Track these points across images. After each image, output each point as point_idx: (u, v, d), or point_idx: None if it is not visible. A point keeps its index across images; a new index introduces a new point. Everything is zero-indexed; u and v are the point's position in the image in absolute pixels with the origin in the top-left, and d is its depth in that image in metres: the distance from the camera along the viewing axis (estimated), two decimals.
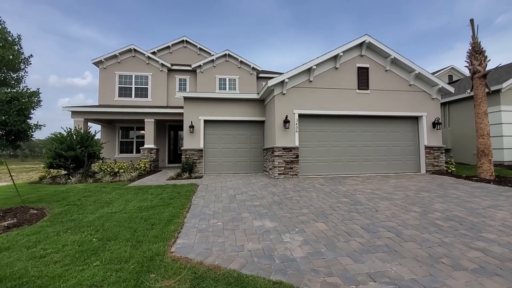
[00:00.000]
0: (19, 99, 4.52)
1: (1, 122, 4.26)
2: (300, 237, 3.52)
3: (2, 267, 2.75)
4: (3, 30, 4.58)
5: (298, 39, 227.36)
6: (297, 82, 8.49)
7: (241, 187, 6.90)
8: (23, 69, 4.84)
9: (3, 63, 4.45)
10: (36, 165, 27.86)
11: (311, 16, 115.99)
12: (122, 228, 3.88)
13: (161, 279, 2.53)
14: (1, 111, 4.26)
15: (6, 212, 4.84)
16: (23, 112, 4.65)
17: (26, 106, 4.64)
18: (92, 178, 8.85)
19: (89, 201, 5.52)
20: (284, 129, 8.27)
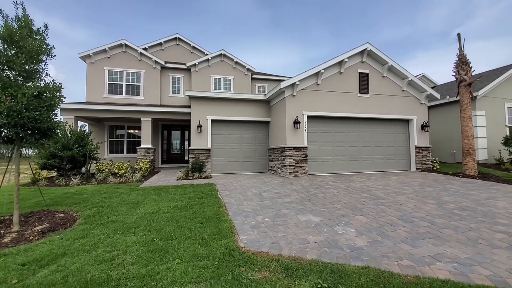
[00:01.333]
0: (46, 93, 4.22)
1: (31, 118, 3.95)
2: (351, 228, 3.83)
3: (76, 272, 2.65)
4: (27, 19, 4.25)
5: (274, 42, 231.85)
6: (306, 85, 8.86)
7: (259, 186, 7.06)
8: (45, 60, 4.51)
9: (29, 54, 4.13)
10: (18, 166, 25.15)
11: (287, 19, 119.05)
12: (174, 228, 3.86)
13: (253, 272, 2.65)
14: (33, 107, 3.96)
15: (28, 216, 4.49)
16: (52, 108, 4.35)
17: (54, 101, 4.34)
18: (93, 179, 8.36)
19: (114, 203, 5.29)
20: (294, 129, 8.59)
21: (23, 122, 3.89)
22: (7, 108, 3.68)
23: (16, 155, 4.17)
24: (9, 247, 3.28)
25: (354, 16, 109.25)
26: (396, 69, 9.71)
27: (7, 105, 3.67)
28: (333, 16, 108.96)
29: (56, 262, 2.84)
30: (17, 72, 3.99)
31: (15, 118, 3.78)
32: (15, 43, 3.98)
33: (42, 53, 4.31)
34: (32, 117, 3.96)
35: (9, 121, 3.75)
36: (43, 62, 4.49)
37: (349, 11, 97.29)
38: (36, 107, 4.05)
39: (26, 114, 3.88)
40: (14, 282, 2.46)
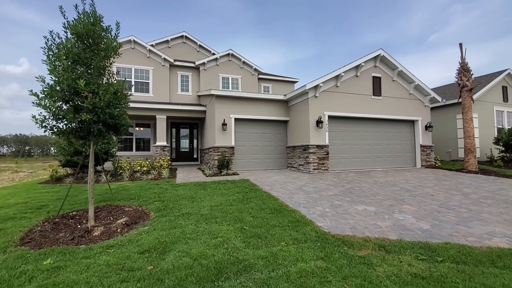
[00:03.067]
0: (120, 91, 4.35)
1: (112, 115, 4.08)
2: (407, 215, 4.35)
3: (201, 256, 2.92)
4: (96, 15, 4.34)
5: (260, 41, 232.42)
6: (327, 87, 9.39)
7: (292, 181, 7.47)
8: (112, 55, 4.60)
9: (105, 52, 4.24)
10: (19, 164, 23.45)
11: (273, 20, 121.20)
12: (251, 218, 4.18)
13: (356, 250, 3.06)
14: (112, 104, 4.08)
15: (96, 211, 4.58)
16: (127, 105, 4.48)
17: (126, 99, 4.47)
18: (120, 177, 8.34)
19: (170, 197, 5.47)
20: (317, 128, 9.09)
21: (105, 118, 4.01)
22: (92, 104, 3.81)
23: (92, 151, 4.27)
24: (107, 240, 3.44)
25: (338, 19, 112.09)
26: (405, 73, 10.51)
27: (91, 101, 3.80)
28: (318, 18, 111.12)
29: (172, 249, 3.07)
30: (94, 69, 4.09)
31: (100, 114, 3.91)
32: (91, 40, 4.08)
33: (112, 51, 4.42)
34: (112, 114, 4.10)
35: (93, 116, 3.87)
36: (110, 60, 4.60)
37: (333, 14, 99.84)
38: (115, 104, 4.19)
39: (108, 111, 4.01)
40: (150, 268, 2.68)
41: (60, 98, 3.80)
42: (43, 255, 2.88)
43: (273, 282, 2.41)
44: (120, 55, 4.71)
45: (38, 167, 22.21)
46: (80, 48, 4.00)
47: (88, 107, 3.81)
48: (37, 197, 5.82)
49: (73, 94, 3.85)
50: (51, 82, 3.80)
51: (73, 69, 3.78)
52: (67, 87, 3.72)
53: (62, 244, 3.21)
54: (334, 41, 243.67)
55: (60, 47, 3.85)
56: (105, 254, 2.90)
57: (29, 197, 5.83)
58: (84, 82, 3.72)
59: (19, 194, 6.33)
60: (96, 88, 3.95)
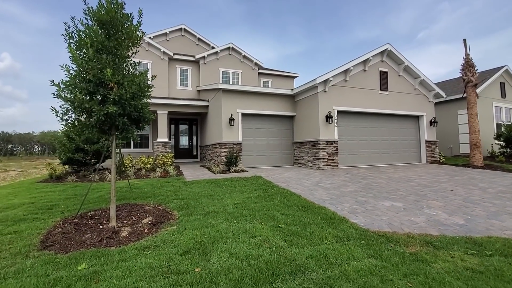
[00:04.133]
0: (143, 82, 4.07)
1: (137, 107, 3.80)
2: (437, 211, 4.31)
3: (247, 257, 2.76)
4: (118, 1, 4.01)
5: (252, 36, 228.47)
6: (336, 81, 9.29)
7: (305, 178, 7.36)
8: (136, 44, 4.30)
9: (130, 41, 3.94)
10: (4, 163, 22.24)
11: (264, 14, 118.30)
12: (283, 216, 4.03)
13: (404, 247, 2.96)
14: (136, 96, 3.80)
15: (116, 210, 4.30)
16: (149, 97, 4.20)
17: (149, 91, 4.20)
18: (124, 174, 8.01)
19: (188, 195, 5.24)
20: (327, 124, 9.00)
21: (130, 111, 3.75)
22: (118, 95, 3.53)
23: (114, 146, 3.99)
24: (138, 240, 3.21)
25: (328, 15, 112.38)
26: (411, 69, 10.54)
27: (118, 92, 3.52)
28: (308, 14, 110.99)
29: (213, 249, 2.89)
30: (119, 58, 3.80)
31: (126, 106, 3.64)
32: (114, 28, 3.78)
33: (136, 40, 4.13)
34: (137, 107, 3.83)
35: (118, 109, 3.60)
36: (133, 49, 4.30)
37: (323, 10, 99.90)
38: (139, 96, 3.93)
39: (133, 103, 3.75)
40: (198, 270, 2.49)
41: (84, 89, 3.50)
42: (74, 260, 2.64)
43: (333, 282, 2.28)
44: (141, 45, 4.40)
45: (27, 166, 21.29)
46: (103, 37, 3.69)
47: (115, 99, 3.54)
48: (43, 196, 5.47)
49: (98, 85, 3.57)
50: (72, 72, 3.50)
51: (99, 58, 3.49)
52: (92, 77, 3.43)
53: (90, 247, 2.96)
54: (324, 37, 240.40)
55: (83, 35, 3.54)
56: (143, 256, 2.68)
57: (34, 196, 5.47)
58: (111, 71, 3.44)
59: (21, 193, 5.93)
60: (121, 79, 3.67)
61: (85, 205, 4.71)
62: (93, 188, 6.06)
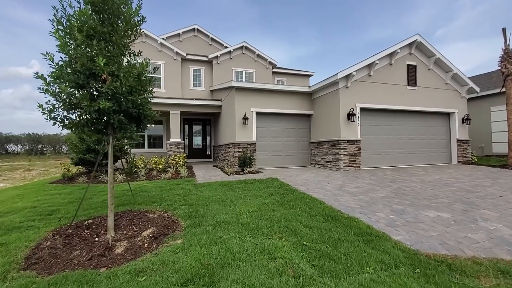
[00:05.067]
0: (144, 75, 3.59)
1: (135, 103, 3.32)
2: (496, 224, 3.50)
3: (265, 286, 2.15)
4: None
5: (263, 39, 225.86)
6: (359, 76, 8.49)
7: (326, 180, 6.65)
8: (134, 32, 3.82)
9: (128, 26, 3.47)
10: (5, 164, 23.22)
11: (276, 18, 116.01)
12: (307, 229, 3.39)
13: (473, 279, 2.24)
14: (135, 90, 3.33)
15: (116, 218, 3.85)
16: (151, 92, 3.73)
17: (151, 85, 3.72)
18: (135, 175, 7.66)
19: (198, 200, 4.71)
20: (348, 122, 8.22)
21: (127, 107, 3.26)
22: (112, 89, 3.05)
23: (110, 147, 3.53)
24: (134, 259, 2.69)
25: (341, 16, 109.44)
26: (442, 62, 9.52)
27: (111, 85, 3.04)
28: (320, 17, 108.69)
29: (222, 276, 2.30)
30: (114, 46, 3.33)
31: (122, 102, 3.16)
32: (109, 12, 3.31)
33: (134, 27, 3.65)
34: (135, 102, 3.34)
35: (113, 105, 3.11)
36: (131, 38, 3.81)
37: (336, 11, 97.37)
38: (138, 90, 3.44)
39: (131, 98, 3.26)
40: None
41: (72, 82, 3.05)
42: (54, 286, 2.15)
43: None
44: (142, 32, 3.93)
45: (51, 165, 21.85)
46: (96, 21, 3.23)
47: (108, 93, 3.07)
48: (47, 199, 5.15)
49: (88, 77, 3.10)
50: (61, 62, 3.06)
51: (89, 45, 3.03)
52: (81, 67, 2.96)
53: (77, 267, 2.48)
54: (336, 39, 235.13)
55: (73, 19, 3.09)
56: (135, 285, 2.15)
57: (39, 199, 5.16)
58: (104, 60, 2.96)
59: (28, 195, 5.68)
60: (116, 69, 3.19)
61: (86, 211, 4.30)
62: (100, 191, 5.70)
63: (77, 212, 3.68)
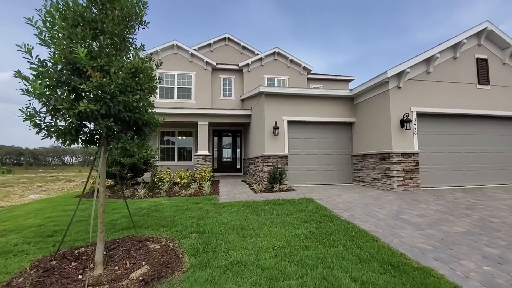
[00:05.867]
0: (143, 72, 2.98)
1: (128, 105, 2.68)
2: None
3: None
4: None
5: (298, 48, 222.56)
6: (414, 74, 7.04)
7: (374, 203, 5.29)
8: (135, 30, 3.28)
9: (124, 13, 2.92)
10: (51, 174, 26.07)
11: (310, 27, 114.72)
12: (353, 283, 2.27)
13: None
14: (130, 89, 2.70)
15: (111, 247, 3.20)
16: (153, 92, 3.10)
17: (153, 84, 3.10)
18: (158, 190, 7.23)
19: (213, 226, 3.88)
20: (402, 130, 6.75)
21: (117, 110, 2.63)
22: (96, 86, 2.43)
23: (103, 161, 2.93)
24: None
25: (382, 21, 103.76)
26: None
27: (96, 82, 2.42)
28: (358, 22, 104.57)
29: None
30: (107, 36, 2.76)
31: (109, 102, 2.53)
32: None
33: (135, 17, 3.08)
34: (129, 104, 2.70)
35: (100, 107, 2.49)
36: (131, 33, 3.23)
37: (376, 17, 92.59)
38: (134, 89, 2.80)
39: (122, 98, 2.61)
40: None
41: (53, 80, 2.52)
42: None
43: None
44: (147, 24, 3.35)
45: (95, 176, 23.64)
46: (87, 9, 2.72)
47: (92, 92, 2.48)
48: (58, 217, 4.85)
49: (72, 73, 2.56)
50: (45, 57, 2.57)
51: (71, 33, 2.49)
52: (60, 59, 2.43)
53: None
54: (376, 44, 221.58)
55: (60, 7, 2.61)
56: None
57: (50, 216, 4.89)
58: (85, 51, 2.38)
59: (45, 211, 5.51)
60: (105, 63, 2.60)
61: (87, 234, 3.77)
62: (114, 209, 5.27)
63: (63, 239, 3.11)
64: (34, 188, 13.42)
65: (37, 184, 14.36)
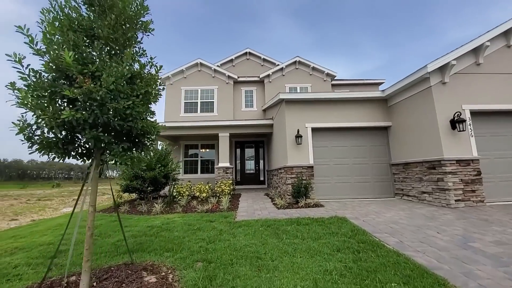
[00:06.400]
0: (141, 78, 2.60)
1: (120, 112, 2.27)
2: None
3: None
4: None
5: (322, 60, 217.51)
6: (461, 67, 5.94)
7: (432, 225, 4.24)
8: (137, 38, 2.96)
9: (123, 17, 2.60)
10: None
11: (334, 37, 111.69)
12: None
13: None
14: (123, 95, 2.30)
15: (103, 278, 2.74)
16: (151, 99, 2.68)
17: (154, 91, 2.68)
18: (176, 204, 6.87)
19: (222, 253, 3.26)
20: (453, 132, 5.61)
21: (106, 118, 2.21)
22: (84, 93, 2.06)
23: (94, 176, 2.53)
24: None
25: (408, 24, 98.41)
26: None
27: (84, 88, 2.06)
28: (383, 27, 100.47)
29: None
30: (102, 42, 2.43)
31: (96, 110, 2.13)
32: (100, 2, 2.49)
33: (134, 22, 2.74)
34: (120, 111, 2.28)
35: (87, 116, 2.11)
36: (133, 39, 2.89)
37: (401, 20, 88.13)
38: (127, 95, 2.39)
39: (113, 105, 2.20)
40: None
41: (41, 89, 2.21)
42: None
43: None
44: (152, 32, 3.01)
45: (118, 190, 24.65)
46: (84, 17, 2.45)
47: (81, 99, 2.11)
48: (71, 234, 4.62)
49: (64, 81, 2.26)
50: None
51: (64, 40, 2.19)
52: (48, 65, 2.13)
53: None
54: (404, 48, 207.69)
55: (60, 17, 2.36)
56: None
57: (62, 234, 4.67)
58: (72, 55, 2.04)
59: (63, 226, 5.38)
60: (96, 69, 2.24)
61: (96, 261, 3.38)
62: (125, 226, 4.92)
63: (49, 267, 2.72)
64: (69, 201, 14.13)
65: (74, 197, 15.12)
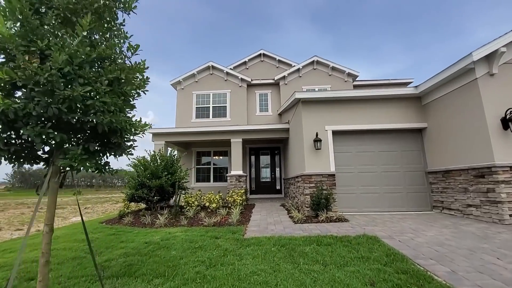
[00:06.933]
0: (113, 60, 2.11)
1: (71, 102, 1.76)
2: None
3: None
4: None
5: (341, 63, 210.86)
6: (509, 57, 4.94)
7: (494, 250, 3.31)
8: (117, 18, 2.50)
9: None
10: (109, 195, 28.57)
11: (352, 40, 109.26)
12: None
13: None
14: (85, 78, 1.81)
15: None
16: (126, 93, 2.18)
17: (137, 82, 2.19)
18: (182, 216, 6.34)
19: (223, 282, 2.61)
20: (507, 133, 4.61)
21: (57, 110, 1.71)
22: (26, 75, 1.57)
23: (51, 186, 2.02)
24: None
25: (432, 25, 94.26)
26: None
27: (29, 68, 1.56)
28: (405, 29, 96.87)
29: None
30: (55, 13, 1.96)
31: (38, 97, 1.63)
32: None
33: None
34: (77, 100, 1.76)
35: (32, 107, 1.61)
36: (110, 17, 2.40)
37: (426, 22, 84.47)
38: (90, 79, 1.88)
39: (67, 93, 1.69)
40: None
41: None
42: None
43: None
44: (134, 9, 2.55)
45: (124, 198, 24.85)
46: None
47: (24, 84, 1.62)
48: (62, 249, 4.21)
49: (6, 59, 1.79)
50: None
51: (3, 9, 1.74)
52: None
53: None
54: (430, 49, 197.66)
55: None
56: None
57: (56, 248, 4.28)
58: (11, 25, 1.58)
59: (60, 240, 5.03)
60: (47, 46, 1.77)
61: (70, 280, 2.89)
62: (122, 242, 4.44)
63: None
64: (82, 210, 14.21)
65: (86, 205, 15.25)
